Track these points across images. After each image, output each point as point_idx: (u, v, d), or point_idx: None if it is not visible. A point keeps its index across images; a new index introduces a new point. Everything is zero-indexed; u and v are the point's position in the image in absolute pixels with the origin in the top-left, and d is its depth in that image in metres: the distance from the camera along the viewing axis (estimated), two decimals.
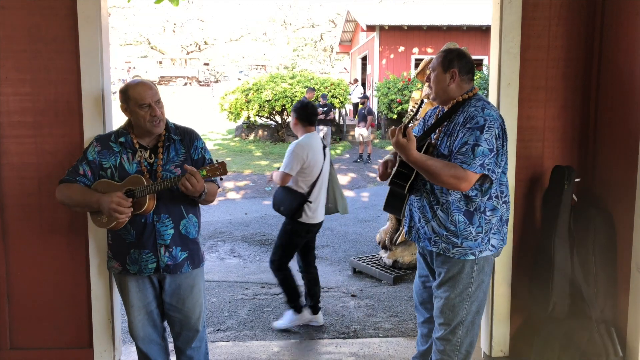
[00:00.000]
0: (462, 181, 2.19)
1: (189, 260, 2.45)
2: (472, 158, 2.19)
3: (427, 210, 2.39)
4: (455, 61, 2.36)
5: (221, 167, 2.23)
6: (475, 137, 2.20)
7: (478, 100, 2.34)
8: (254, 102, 14.93)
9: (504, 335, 3.04)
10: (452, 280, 2.38)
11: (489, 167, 2.21)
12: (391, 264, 5.30)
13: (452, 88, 2.37)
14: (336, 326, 3.89)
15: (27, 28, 2.72)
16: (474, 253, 2.32)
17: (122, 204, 2.23)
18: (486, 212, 2.31)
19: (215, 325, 3.94)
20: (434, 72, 2.41)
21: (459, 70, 2.35)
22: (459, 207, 2.30)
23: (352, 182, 11.19)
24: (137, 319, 2.48)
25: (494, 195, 2.32)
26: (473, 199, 2.29)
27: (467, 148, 2.21)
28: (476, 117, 2.24)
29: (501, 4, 2.85)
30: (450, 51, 2.40)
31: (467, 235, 2.30)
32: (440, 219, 2.34)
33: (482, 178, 2.25)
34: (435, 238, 2.38)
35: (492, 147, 2.21)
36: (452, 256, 2.34)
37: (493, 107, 2.32)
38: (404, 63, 18.05)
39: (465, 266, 2.35)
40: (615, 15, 2.75)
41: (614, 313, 2.73)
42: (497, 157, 2.25)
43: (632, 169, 2.55)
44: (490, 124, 2.22)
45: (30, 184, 2.80)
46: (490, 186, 2.29)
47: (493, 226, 2.33)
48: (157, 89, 2.40)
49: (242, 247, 6.91)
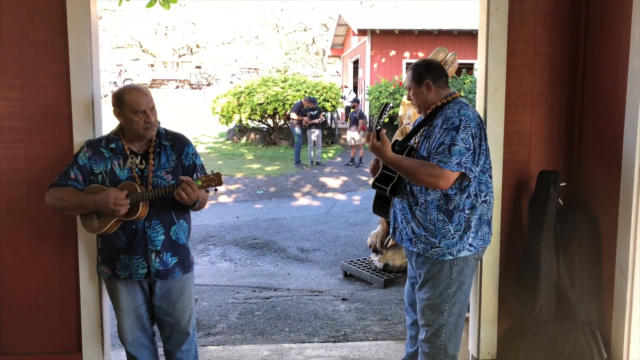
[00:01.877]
0: (440, 179, 2.24)
1: (179, 265, 2.46)
2: (449, 157, 2.24)
3: (407, 211, 2.45)
4: (424, 73, 2.45)
5: (216, 178, 2.26)
6: (452, 137, 2.26)
7: (456, 104, 2.40)
8: (245, 105, 14.93)
9: (491, 338, 3.07)
10: (432, 281, 2.42)
11: (466, 165, 2.26)
12: (382, 267, 5.32)
13: (431, 97, 2.46)
14: (326, 330, 3.91)
15: (16, 33, 2.72)
16: (451, 252, 2.35)
17: (120, 197, 2.24)
18: (465, 211, 2.35)
19: (205, 329, 3.94)
20: (410, 89, 2.51)
21: (432, 80, 2.43)
22: (439, 206, 2.35)
23: (344, 185, 11.22)
24: (126, 323, 2.48)
25: (473, 194, 2.36)
26: (452, 198, 2.33)
27: (443, 147, 2.26)
28: (452, 117, 2.31)
29: (487, 12, 2.89)
30: (417, 65, 2.49)
31: (445, 234, 2.34)
32: (419, 219, 2.39)
33: (461, 177, 2.30)
34: (414, 239, 2.42)
35: (468, 145, 2.26)
36: (430, 257, 2.39)
37: (471, 108, 2.37)
38: (396, 67, 18.13)
39: (444, 267, 2.38)
40: (599, 23, 2.80)
41: (599, 316, 2.77)
42: (475, 155, 2.29)
43: (616, 174, 2.59)
44: (466, 124, 2.28)
45: (19, 189, 2.80)
46: (469, 184, 2.33)
47: (472, 225, 2.37)
48: (151, 95, 2.40)
49: (233, 250, 6.91)
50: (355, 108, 13.62)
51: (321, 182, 11.43)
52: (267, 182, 11.33)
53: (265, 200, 10.12)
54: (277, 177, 11.71)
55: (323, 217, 8.78)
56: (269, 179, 11.54)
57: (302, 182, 11.33)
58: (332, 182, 11.41)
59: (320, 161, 13.27)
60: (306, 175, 11.94)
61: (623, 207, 2.54)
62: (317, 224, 8.33)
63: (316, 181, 11.46)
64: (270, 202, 9.95)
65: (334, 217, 8.75)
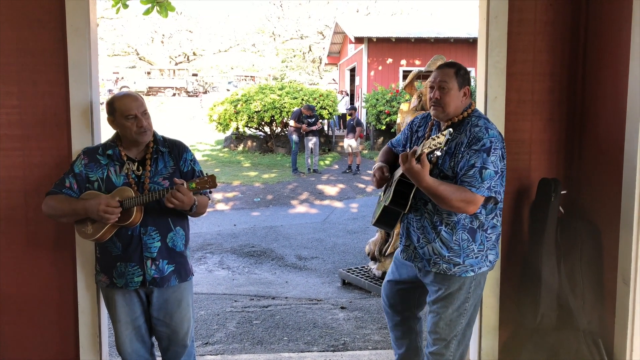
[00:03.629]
0: (471, 205, 2.18)
1: (176, 273, 2.43)
2: (481, 182, 2.18)
3: (428, 230, 2.36)
4: (468, 78, 2.33)
5: (211, 180, 2.22)
6: (482, 159, 2.19)
7: (479, 119, 2.31)
8: (242, 113, 14.93)
9: (492, 347, 3.05)
10: (451, 297, 2.37)
11: (495, 189, 2.23)
12: (380, 275, 5.30)
13: (461, 105, 2.33)
14: (325, 339, 3.88)
15: (15, 41, 2.71)
16: (473, 270, 2.33)
17: (110, 204, 2.22)
18: (487, 230, 2.33)
19: (203, 339, 3.91)
20: (446, 87, 2.29)
21: (469, 89, 2.35)
22: (464, 225, 2.30)
23: (341, 193, 11.21)
24: (124, 334, 2.45)
25: (497, 214, 2.35)
26: (477, 217, 2.30)
27: (474, 171, 2.19)
28: (482, 139, 2.21)
29: (487, 20, 2.89)
30: (459, 66, 2.34)
31: (469, 253, 2.31)
32: (444, 240, 2.32)
33: (487, 199, 2.26)
34: (435, 259, 2.35)
35: (497, 169, 2.22)
36: (453, 274, 2.33)
37: (493, 126, 2.31)
38: (392, 75, 18.19)
39: (465, 283, 2.35)
40: (599, 30, 2.81)
41: (601, 324, 2.75)
42: (502, 178, 2.26)
43: (617, 182, 2.59)
44: (495, 146, 2.22)
45: (17, 197, 2.77)
46: (495, 206, 2.32)
47: (492, 243, 2.36)
48: (143, 100, 2.40)
49: (230, 258, 6.88)
50: (352, 116, 13.65)
51: (318, 189, 11.41)
52: (264, 189, 11.31)
53: (262, 207, 10.09)
54: (275, 185, 11.69)
55: (321, 225, 8.76)
56: (266, 187, 11.52)
57: (300, 190, 11.31)
58: (329, 190, 11.39)
59: (317, 169, 13.27)
60: (303, 183, 11.93)
61: (625, 215, 2.54)
62: (314, 231, 8.31)
63: (313, 189, 11.45)
64: (267, 210, 9.92)
65: (332, 225, 8.73)
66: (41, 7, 2.71)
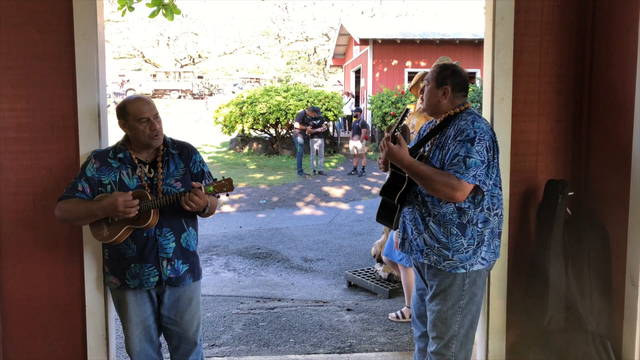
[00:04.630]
0: (456, 190, 2.20)
1: (190, 272, 2.48)
2: (465, 169, 2.21)
3: (419, 222, 2.41)
4: (449, 78, 2.39)
5: (228, 184, 2.27)
6: (466, 149, 2.23)
7: (469, 114, 2.37)
8: (248, 115, 14.95)
9: (499, 349, 3.04)
10: (444, 293, 2.39)
11: (480, 178, 2.24)
12: (386, 277, 5.29)
13: (444, 104, 2.41)
14: (332, 341, 3.88)
15: (23, 44, 2.73)
16: (464, 266, 2.33)
17: (128, 198, 2.25)
18: (478, 224, 2.33)
19: (210, 340, 3.92)
20: (428, 85, 2.45)
21: (452, 88, 2.39)
22: (452, 220, 2.32)
23: (347, 194, 11.20)
24: (134, 334, 2.48)
25: (486, 207, 2.34)
26: (466, 211, 2.31)
27: (458, 159, 2.23)
28: (466, 130, 2.27)
29: (493, 21, 2.89)
30: (445, 67, 2.43)
31: (459, 248, 2.32)
32: (432, 231, 2.35)
33: (474, 190, 2.27)
34: (427, 250, 2.39)
35: (483, 158, 2.24)
36: (442, 269, 2.36)
37: (484, 121, 2.35)
38: (398, 76, 18.17)
39: (457, 279, 2.36)
40: (606, 32, 2.80)
41: (609, 326, 2.74)
42: (488, 169, 2.28)
43: (625, 183, 2.58)
44: (480, 136, 2.25)
45: (26, 200, 2.79)
46: (483, 198, 2.31)
47: (484, 239, 2.35)
48: (154, 103, 2.44)
49: (236, 260, 6.89)
50: (357, 117, 13.64)
51: (324, 191, 11.41)
52: (270, 191, 11.32)
53: (268, 209, 10.10)
54: (280, 187, 11.70)
55: (326, 227, 8.76)
56: (271, 189, 11.53)
57: (305, 192, 11.32)
58: (335, 192, 11.39)
59: (322, 170, 13.27)
60: (309, 185, 11.93)
61: (633, 216, 2.53)
62: (320, 233, 8.30)
63: (319, 190, 11.45)
64: (273, 212, 9.93)
65: (338, 227, 8.73)
66: (49, 11, 2.73)
